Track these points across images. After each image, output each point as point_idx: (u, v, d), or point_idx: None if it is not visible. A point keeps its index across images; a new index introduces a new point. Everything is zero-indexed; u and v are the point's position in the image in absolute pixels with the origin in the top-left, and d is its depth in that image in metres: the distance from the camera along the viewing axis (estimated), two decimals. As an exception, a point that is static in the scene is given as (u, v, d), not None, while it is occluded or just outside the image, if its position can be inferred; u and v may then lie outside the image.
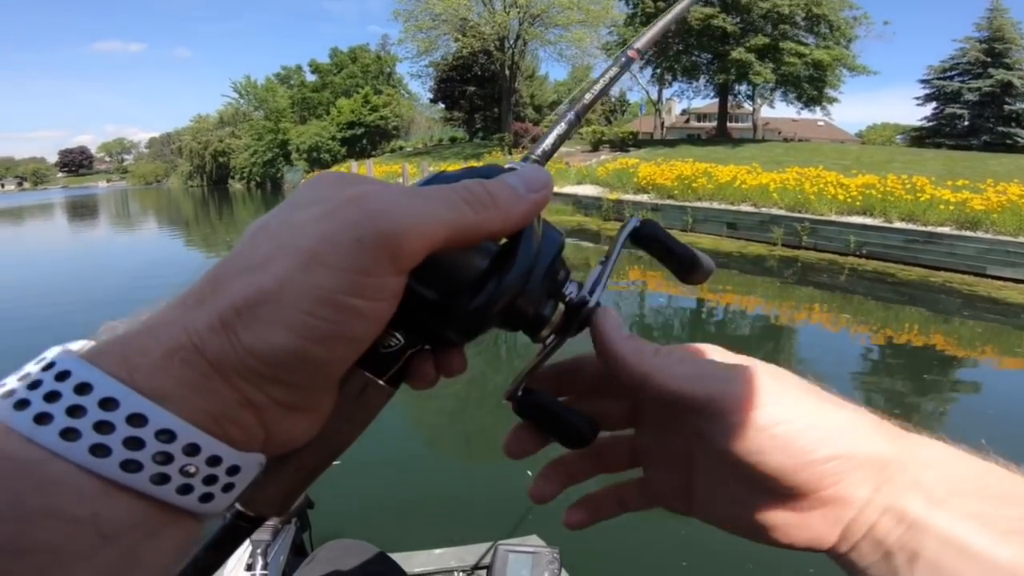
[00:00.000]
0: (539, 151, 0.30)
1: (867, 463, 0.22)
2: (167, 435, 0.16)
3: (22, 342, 4.44)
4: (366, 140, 38.68)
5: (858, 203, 8.49)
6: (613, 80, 0.35)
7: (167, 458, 0.16)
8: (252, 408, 0.18)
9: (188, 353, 0.17)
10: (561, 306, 0.25)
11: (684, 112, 46.53)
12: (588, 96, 0.34)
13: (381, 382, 0.22)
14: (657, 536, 2.13)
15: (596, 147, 21.57)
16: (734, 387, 0.23)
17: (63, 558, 0.15)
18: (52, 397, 0.15)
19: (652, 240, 0.29)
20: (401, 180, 17.34)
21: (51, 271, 9.23)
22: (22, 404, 0.15)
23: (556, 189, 13.02)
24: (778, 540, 0.24)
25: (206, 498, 0.17)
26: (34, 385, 0.16)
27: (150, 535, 0.16)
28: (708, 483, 0.26)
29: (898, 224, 7.83)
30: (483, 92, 37.33)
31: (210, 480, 0.17)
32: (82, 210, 25.98)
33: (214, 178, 46.64)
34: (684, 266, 0.29)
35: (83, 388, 0.15)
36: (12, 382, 0.16)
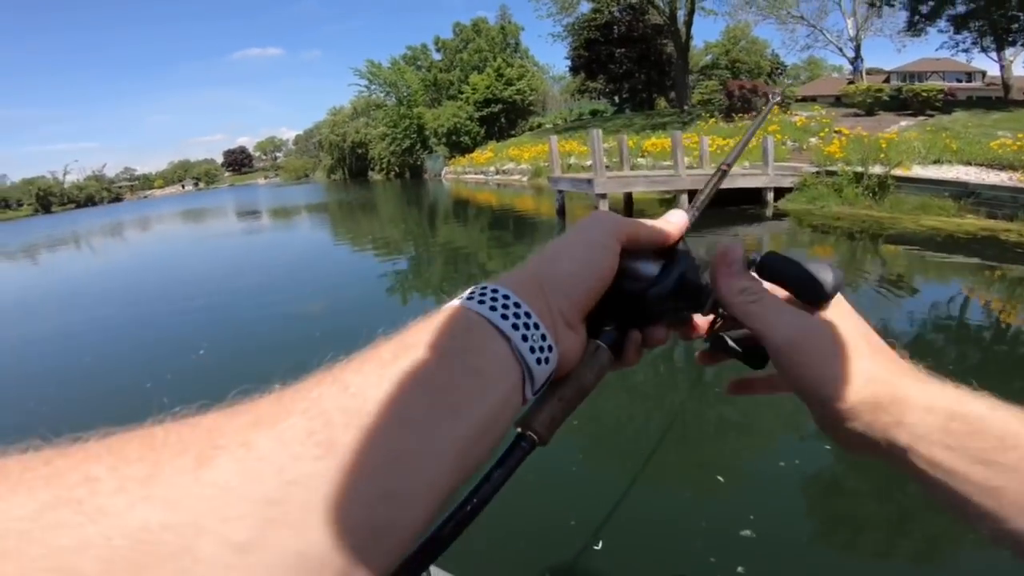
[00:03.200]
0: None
1: (863, 402, 0.30)
2: (527, 315, 0.28)
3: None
4: (504, 118, 34.90)
5: None
6: (715, 185, 0.44)
7: (527, 327, 0.27)
8: (551, 313, 0.29)
9: (533, 280, 0.30)
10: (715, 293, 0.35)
11: (866, 71, 35.97)
12: (702, 195, 0.43)
13: (605, 346, 0.32)
14: None
15: (871, 111, 15.10)
16: (777, 330, 0.32)
17: (493, 378, 0.26)
18: (486, 296, 0.28)
19: (772, 274, 0.36)
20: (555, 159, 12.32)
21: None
22: (479, 302, 0.27)
23: (901, 172, 8.87)
24: (837, 441, 0.33)
25: (538, 361, 0.27)
26: (482, 294, 0.28)
27: (515, 383, 0.27)
28: None
29: None
30: (632, 54, 31.60)
31: (540, 349, 0.27)
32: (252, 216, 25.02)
33: (354, 170, 46.03)
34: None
35: (494, 291, 0.28)
36: (467, 294, 0.28)
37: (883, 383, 0.31)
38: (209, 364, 4.43)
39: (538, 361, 0.27)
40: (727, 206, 9.38)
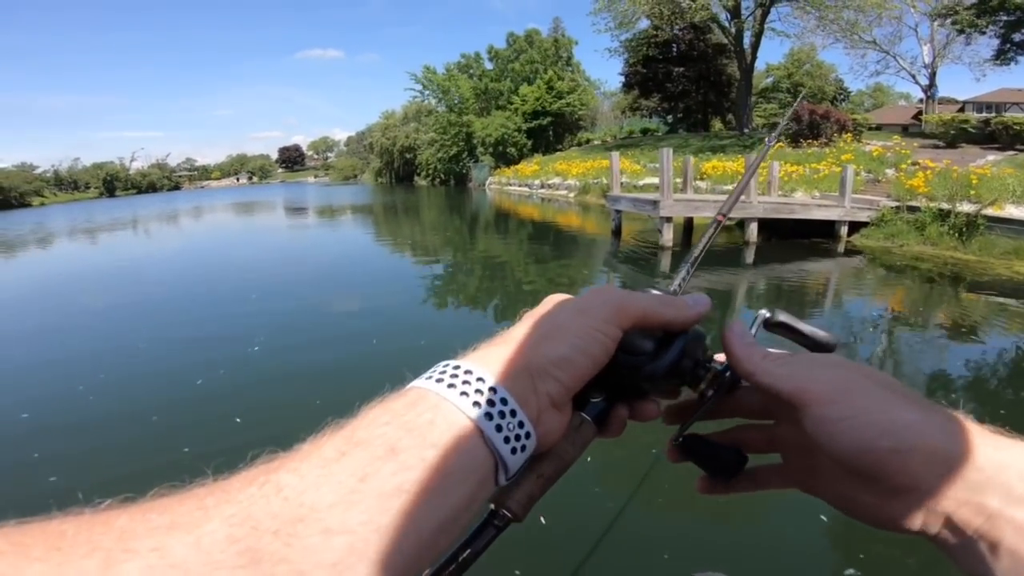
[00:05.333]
0: (675, 285, 0.38)
1: (933, 457, 0.25)
2: (504, 402, 0.26)
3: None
4: (551, 132, 34.65)
5: None
6: (711, 239, 0.42)
7: (503, 416, 0.26)
8: (536, 395, 0.27)
9: (518, 360, 0.28)
10: (712, 370, 0.34)
11: (941, 101, 33.31)
12: (696, 251, 0.41)
13: (590, 419, 0.31)
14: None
15: (953, 143, 14.18)
16: (815, 385, 0.29)
17: (456, 476, 0.24)
18: (457, 380, 0.26)
19: (783, 327, 0.36)
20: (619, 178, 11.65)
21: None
22: (449, 386, 0.26)
23: (993, 212, 8.01)
24: (870, 519, 0.29)
25: (512, 451, 0.26)
26: (453, 375, 0.26)
27: (485, 475, 0.25)
28: (823, 467, 0.31)
29: None
30: (691, 74, 30.88)
31: (517, 438, 0.26)
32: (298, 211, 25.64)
33: (401, 175, 46.49)
34: (814, 346, 0.35)
35: (468, 373, 0.26)
36: (437, 374, 0.27)
37: (964, 434, 0.26)
38: (262, 361, 4.36)
39: (513, 451, 0.26)
40: (797, 238, 8.83)
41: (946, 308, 5.79)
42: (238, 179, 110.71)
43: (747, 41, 23.57)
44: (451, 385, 0.26)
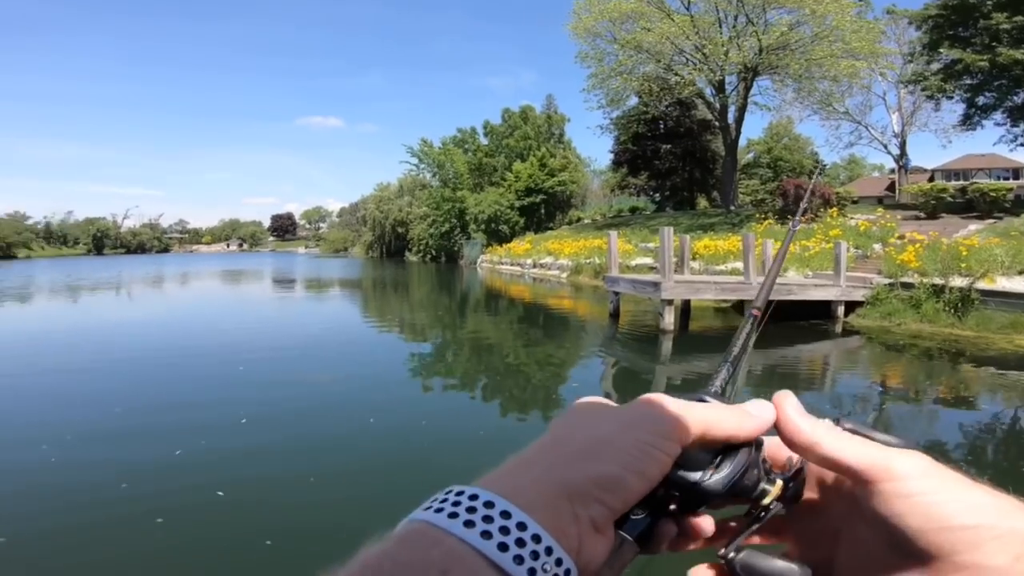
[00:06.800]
0: (714, 388, 0.35)
1: (1007, 534, 0.24)
2: (537, 539, 0.23)
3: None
4: (543, 210, 35.10)
5: None
6: (749, 337, 0.41)
7: (535, 556, 0.22)
8: (577, 523, 0.24)
9: (552, 484, 0.25)
10: (779, 483, 0.31)
11: (912, 170, 34.41)
12: (735, 349, 0.40)
13: (631, 539, 0.28)
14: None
15: (933, 213, 14.61)
16: (888, 462, 0.27)
17: None
18: (475, 516, 0.23)
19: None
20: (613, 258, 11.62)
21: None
22: (466, 523, 0.22)
23: (985, 285, 8.06)
24: None
25: None
26: (469, 510, 0.23)
27: None
28: (852, 554, 0.30)
29: None
30: (677, 151, 31.91)
31: None
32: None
33: (392, 249, 46.51)
34: None
35: (489, 505, 0.23)
36: (450, 507, 0.23)
37: None
38: (251, 433, 4.13)
39: None
40: (795, 320, 8.75)
41: (949, 382, 5.74)
42: (228, 245, 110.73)
43: (731, 116, 24.31)
44: (469, 522, 0.22)
